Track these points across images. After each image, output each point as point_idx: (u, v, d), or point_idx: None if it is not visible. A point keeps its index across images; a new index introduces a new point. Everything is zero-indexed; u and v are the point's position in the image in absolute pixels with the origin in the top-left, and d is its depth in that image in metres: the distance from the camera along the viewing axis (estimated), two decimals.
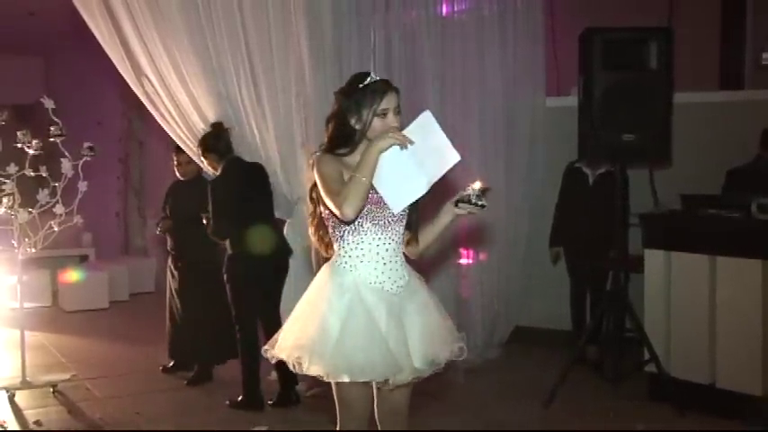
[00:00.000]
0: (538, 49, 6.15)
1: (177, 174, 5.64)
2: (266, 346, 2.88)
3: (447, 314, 2.97)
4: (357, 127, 2.78)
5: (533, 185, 6.15)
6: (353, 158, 2.76)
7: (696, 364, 4.71)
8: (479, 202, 2.74)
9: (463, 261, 5.99)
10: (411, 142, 2.61)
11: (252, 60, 5.06)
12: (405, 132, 2.65)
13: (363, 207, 2.69)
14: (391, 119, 2.76)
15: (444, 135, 2.67)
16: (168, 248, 5.74)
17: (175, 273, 5.64)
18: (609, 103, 4.68)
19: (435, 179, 2.69)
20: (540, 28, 6.15)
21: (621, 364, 4.97)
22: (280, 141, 5.11)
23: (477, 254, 6.01)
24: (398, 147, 2.63)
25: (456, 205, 2.80)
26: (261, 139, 5.13)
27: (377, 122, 2.75)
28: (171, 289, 5.70)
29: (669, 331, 4.85)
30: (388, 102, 2.76)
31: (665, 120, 4.72)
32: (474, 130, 5.90)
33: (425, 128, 2.68)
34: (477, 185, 2.75)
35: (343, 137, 2.81)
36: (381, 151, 2.61)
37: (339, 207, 2.62)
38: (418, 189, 2.70)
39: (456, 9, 5.95)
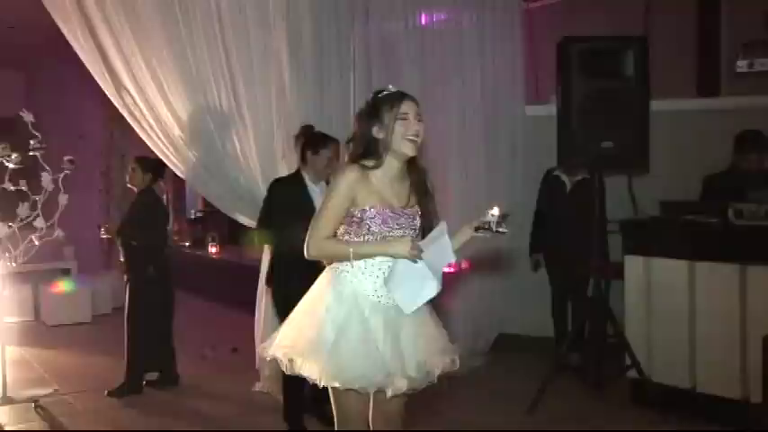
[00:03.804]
0: (517, 58, 6.18)
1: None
2: (263, 345, 2.94)
3: (442, 326, 3.02)
4: (380, 136, 2.84)
5: (514, 193, 6.18)
6: (379, 173, 2.85)
7: (677, 368, 4.74)
8: (501, 230, 2.80)
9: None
10: (420, 257, 2.77)
11: (232, 73, 5.08)
12: (423, 242, 2.80)
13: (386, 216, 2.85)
14: (413, 122, 2.84)
15: (449, 241, 2.79)
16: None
17: (126, 286, 5.58)
18: (587, 111, 4.73)
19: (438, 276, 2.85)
20: (518, 37, 6.18)
21: (604, 370, 5.01)
22: (261, 154, 5.12)
23: (459, 263, 6.02)
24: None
25: (476, 230, 2.86)
26: (242, 152, 5.14)
27: (398, 126, 2.82)
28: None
29: (650, 337, 4.89)
30: (407, 107, 2.85)
31: (643, 127, 4.76)
32: (454, 140, 5.93)
33: (438, 237, 2.80)
34: (497, 211, 2.79)
35: (366, 148, 2.87)
36: (392, 256, 2.79)
37: (308, 241, 2.83)
38: (430, 292, 2.85)
39: (435, 19, 5.99)
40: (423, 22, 5.95)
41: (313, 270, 3.01)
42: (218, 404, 5.23)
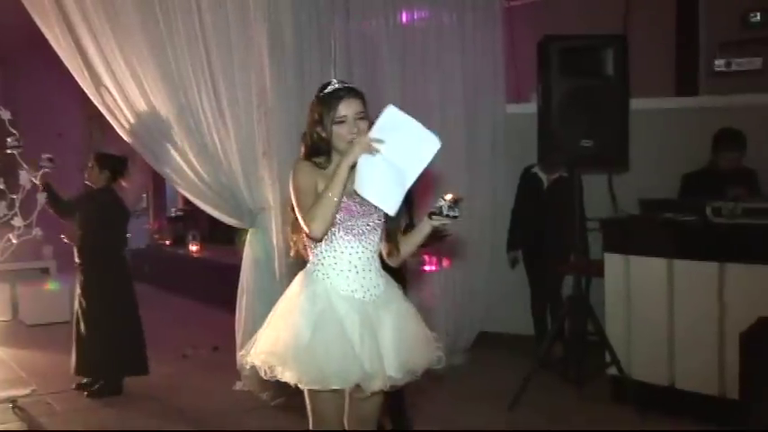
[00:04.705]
0: (497, 56, 6.19)
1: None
2: (242, 352, 2.90)
3: (424, 323, 2.99)
4: (323, 135, 2.81)
5: (495, 191, 6.20)
6: (330, 169, 2.79)
7: (656, 365, 4.78)
8: (451, 214, 2.78)
9: (427, 268, 6.02)
10: (380, 142, 2.63)
11: (213, 71, 5.06)
12: (372, 133, 2.66)
13: (332, 225, 2.72)
14: (351, 124, 2.76)
15: (419, 124, 2.69)
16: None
17: (78, 287, 5.50)
18: (567, 110, 4.74)
19: (420, 170, 2.70)
20: (499, 35, 6.19)
21: (584, 367, 5.04)
22: (242, 152, 5.10)
23: (440, 260, 6.04)
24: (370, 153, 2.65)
25: (430, 217, 2.83)
26: (223, 150, 5.12)
27: (337, 129, 2.77)
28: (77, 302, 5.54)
29: (629, 334, 4.92)
30: (346, 107, 2.77)
31: (623, 125, 4.78)
32: None
33: (395, 122, 2.68)
34: (449, 197, 2.78)
35: (313, 147, 2.84)
36: (350, 165, 2.64)
37: (307, 225, 2.68)
38: (405, 184, 2.70)
39: (416, 17, 5.99)
40: (403, 20, 5.95)
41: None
42: (200, 403, 5.21)
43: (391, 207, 2.73)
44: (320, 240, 2.77)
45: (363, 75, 5.60)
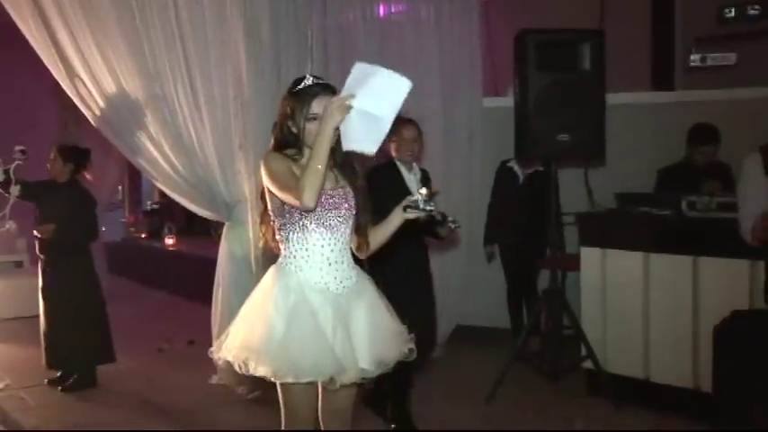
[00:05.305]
0: (474, 49, 6.20)
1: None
2: (213, 348, 2.88)
3: (396, 315, 2.98)
4: (294, 131, 2.80)
5: (472, 185, 6.21)
6: (304, 161, 2.75)
7: (631, 359, 4.81)
8: (427, 208, 2.79)
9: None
10: (352, 97, 2.61)
11: (189, 64, 5.03)
12: (344, 92, 2.65)
13: (321, 196, 2.69)
14: None
15: (387, 70, 2.68)
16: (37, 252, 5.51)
17: (41, 278, 5.46)
18: (543, 104, 4.74)
19: (395, 112, 2.67)
20: (476, 29, 6.19)
21: (560, 360, 5.06)
22: (218, 144, 5.08)
23: None
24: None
25: (405, 210, 2.84)
26: (198, 142, 5.09)
27: (310, 126, 2.76)
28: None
29: (605, 328, 4.94)
30: (319, 105, 2.74)
31: (599, 120, 4.80)
32: None
33: (363, 75, 2.68)
34: (425, 191, 2.80)
35: (283, 140, 2.83)
36: (333, 129, 2.60)
37: (298, 198, 2.61)
38: (383, 128, 2.67)
39: (393, 10, 5.98)
40: (381, 13, 5.93)
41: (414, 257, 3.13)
42: (175, 397, 5.18)
43: (371, 148, 2.69)
44: (313, 210, 2.72)
45: (340, 69, 5.56)
